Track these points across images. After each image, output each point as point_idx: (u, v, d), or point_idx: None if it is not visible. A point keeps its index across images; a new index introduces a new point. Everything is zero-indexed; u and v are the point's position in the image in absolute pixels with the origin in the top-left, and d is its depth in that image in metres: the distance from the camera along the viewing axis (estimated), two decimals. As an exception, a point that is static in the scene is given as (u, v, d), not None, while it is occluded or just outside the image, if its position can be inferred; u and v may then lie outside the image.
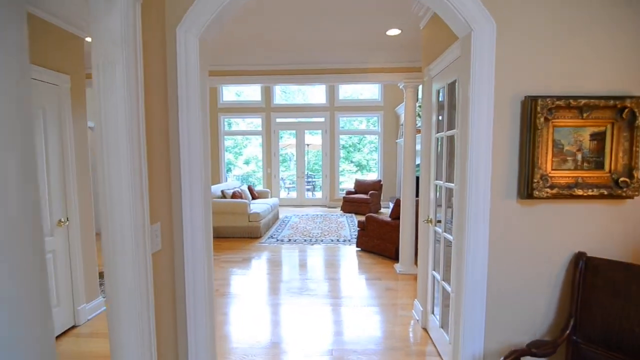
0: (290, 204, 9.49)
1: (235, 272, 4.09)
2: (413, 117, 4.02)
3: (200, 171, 1.51)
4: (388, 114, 9.03)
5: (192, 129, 1.49)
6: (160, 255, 1.43)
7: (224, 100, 9.42)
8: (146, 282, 1.29)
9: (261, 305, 3.23)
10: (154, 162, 1.37)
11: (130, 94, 1.20)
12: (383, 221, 4.64)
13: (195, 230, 1.52)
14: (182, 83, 1.46)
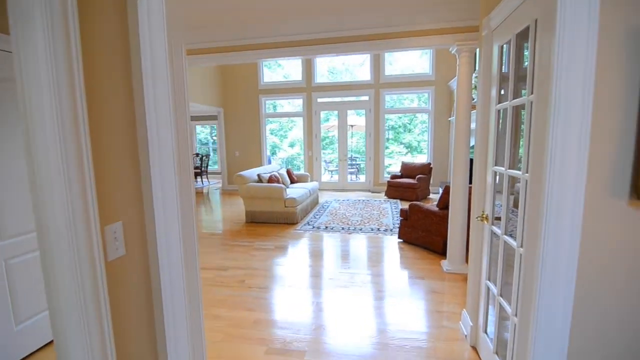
0: (331, 188, 9.15)
1: (266, 262, 3.87)
2: (467, 89, 3.36)
3: (171, 158, 1.19)
4: (440, 90, 8.13)
5: (161, 106, 1.15)
6: (124, 262, 1.15)
7: (265, 81, 9.20)
8: (96, 297, 1.01)
9: (282, 300, 2.95)
10: (108, 146, 1.07)
11: (56, 53, 0.89)
12: (429, 211, 4.08)
13: (170, 230, 1.22)
14: (145, 45, 1.12)
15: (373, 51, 3.53)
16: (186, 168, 1.29)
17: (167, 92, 1.15)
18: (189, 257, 1.30)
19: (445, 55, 7.88)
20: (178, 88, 1.22)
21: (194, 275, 1.35)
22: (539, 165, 1.15)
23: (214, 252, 4.22)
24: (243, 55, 3.72)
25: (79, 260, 0.96)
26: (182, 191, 1.25)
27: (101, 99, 1.05)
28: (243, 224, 5.61)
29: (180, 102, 1.24)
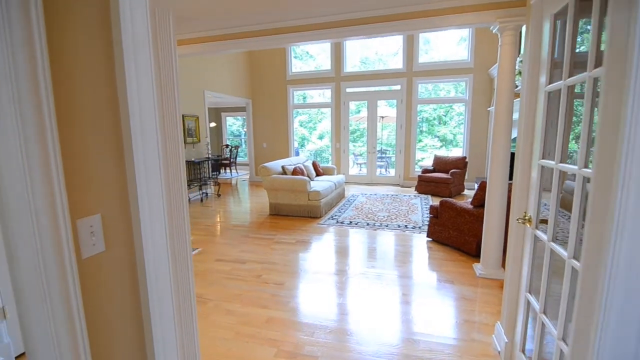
0: (359, 182, 8.89)
1: (285, 257, 3.75)
2: (510, 74, 2.99)
3: (156, 144, 1.05)
4: (479, 78, 7.56)
5: (143, 84, 1.01)
6: (104, 260, 1.03)
7: (293, 72, 9.06)
8: (66, 302, 0.89)
9: (298, 298, 2.81)
10: (82, 129, 0.94)
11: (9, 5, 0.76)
12: (462, 208, 3.75)
13: (154, 223, 1.08)
14: (125, 14, 0.98)
15: (406, 32, 3.23)
16: (175, 156, 1.15)
17: (149, 66, 1.01)
18: (177, 255, 1.16)
19: (485, 39, 7.30)
20: (164, 64, 1.07)
21: (185, 276, 1.22)
22: (609, 159, 0.89)
23: (234, 245, 4.17)
24: (271, 40, 3.52)
25: (42, 259, 0.85)
26: (170, 181, 1.11)
27: (71, 68, 0.92)
28: (267, 216, 5.54)
29: (168, 81, 1.09)
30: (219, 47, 3.71)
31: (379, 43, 13.80)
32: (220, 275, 3.27)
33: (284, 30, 3.45)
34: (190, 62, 6.79)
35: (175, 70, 1.12)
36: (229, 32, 3.61)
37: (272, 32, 3.50)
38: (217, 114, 13.80)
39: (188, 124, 6.84)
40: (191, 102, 6.95)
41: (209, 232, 4.73)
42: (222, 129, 13.99)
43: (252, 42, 3.61)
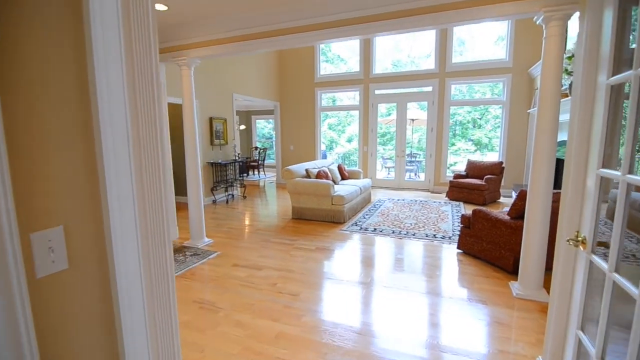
0: (386, 186, 8.57)
1: (303, 265, 3.58)
2: (556, 70, 2.63)
3: (127, 146, 0.91)
4: (518, 78, 7.02)
5: (112, 73, 0.88)
6: (67, 279, 0.90)
7: (321, 74, 8.93)
8: (12, 334, 0.77)
9: (312, 312, 2.62)
10: (39, 127, 0.82)
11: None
12: (497, 219, 3.40)
13: (126, 236, 0.95)
14: None
15: (440, 25, 2.96)
16: (155, 156, 1.00)
17: (118, 44, 0.87)
18: (154, 270, 1.02)
19: (526, 36, 6.77)
20: (139, 47, 0.93)
21: (165, 301, 1.07)
22: None
23: (253, 249, 4.06)
24: (297, 37, 3.34)
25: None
26: (145, 186, 0.97)
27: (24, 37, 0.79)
28: (289, 220, 5.42)
29: (145, 67, 0.95)
30: (243, 48, 3.60)
31: (411, 44, 13.38)
32: (235, 282, 3.16)
33: (311, 27, 3.28)
34: (219, 65, 6.85)
35: (155, 57, 0.98)
36: (253, 31, 3.51)
37: (298, 30, 3.34)
38: (248, 117, 13.98)
39: (216, 127, 6.90)
40: (220, 105, 7.01)
41: (230, 234, 4.68)
42: (252, 132, 14.15)
43: (278, 41, 3.45)
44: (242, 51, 3.70)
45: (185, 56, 3.87)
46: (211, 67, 6.66)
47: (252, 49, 3.62)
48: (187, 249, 4.08)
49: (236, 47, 3.63)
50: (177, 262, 3.65)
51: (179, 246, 4.17)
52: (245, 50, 3.67)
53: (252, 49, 3.62)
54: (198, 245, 4.15)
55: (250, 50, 3.64)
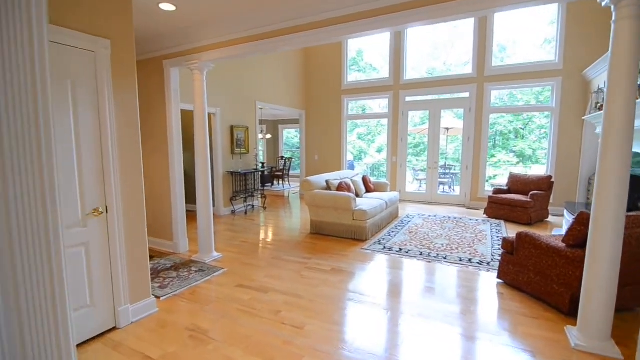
0: (417, 200, 7.95)
1: (314, 289, 3.17)
2: (629, 58, 2.07)
3: None
4: (570, 82, 6.23)
5: None
6: None
7: (348, 81, 8.59)
8: None
9: (316, 352, 2.19)
10: None
11: None
12: (549, 246, 2.79)
13: None
14: None
15: (479, 10, 2.48)
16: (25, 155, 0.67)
17: None
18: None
19: (579, 34, 6.01)
20: None
21: None
22: None
23: (262, 267, 3.71)
24: (320, 33, 2.97)
25: None
26: None
27: None
28: (306, 235, 5.04)
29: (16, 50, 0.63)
30: (259, 48, 3.31)
31: (448, 51, 12.73)
32: (236, 307, 2.81)
33: (334, 21, 2.91)
34: (241, 73, 6.73)
35: (37, 38, 0.66)
36: (269, 29, 3.23)
37: (319, 25, 2.99)
38: (275, 126, 13.94)
39: (237, 135, 6.74)
40: (242, 113, 6.86)
41: (242, 249, 4.38)
42: (279, 141, 14.07)
43: (298, 38, 3.10)
44: (257, 51, 3.42)
45: (196, 60, 3.68)
46: (233, 74, 6.55)
47: (269, 49, 3.32)
48: (193, 263, 3.82)
49: (251, 47, 3.36)
50: (180, 279, 3.38)
51: (186, 260, 3.92)
52: (261, 51, 3.39)
53: (269, 49, 3.32)
54: (205, 260, 3.87)
55: (267, 50, 3.35)
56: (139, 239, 2.60)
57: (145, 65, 4.19)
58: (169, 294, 3.06)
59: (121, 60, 2.43)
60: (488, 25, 6.78)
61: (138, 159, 2.57)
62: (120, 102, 2.44)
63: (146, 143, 4.32)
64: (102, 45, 2.30)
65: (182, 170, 4.16)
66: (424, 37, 8.74)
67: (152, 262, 3.86)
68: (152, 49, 4.02)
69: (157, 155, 4.20)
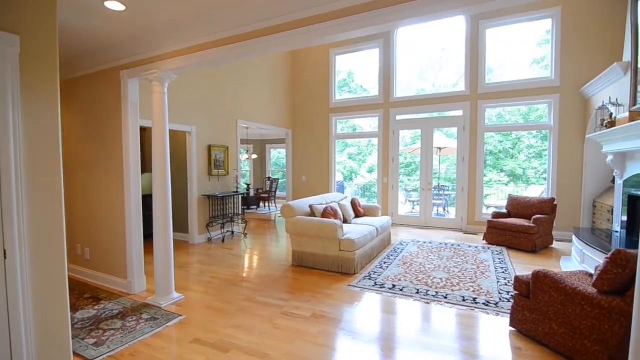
0: (410, 224, 7.43)
1: (287, 345, 2.56)
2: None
3: None
4: (568, 99, 5.92)
5: None
6: None
7: (336, 99, 8.22)
8: None
9: None
10: None
11: None
12: (575, 291, 2.26)
13: None
14: None
15: (473, 5, 2.07)
16: None
17: None
18: None
19: (574, 51, 5.75)
20: None
21: None
22: None
23: (229, 312, 3.09)
24: (298, 34, 2.48)
25: None
26: None
27: None
28: (287, 268, 4.43)
29: None
30: (228, 53, 2.82)
31: (436, 73, 12.63)
32: (184, 373, 2.19)
33: (314, 19, 2.42)
34: (221, 88, 6.28)
35: None
36: (239, 31, 2.76)
37: (296, 25, 2.49)
38: (262, 146, 13.47)
39: (215, 155, 6.21)
40: (221, 131, 6.36)
41: (209, 286, 3.75)
42: (265, 161, 13.56)
43: (273, 40, 2.61)
44: (227, 58, 2.93)
45: (154, 69, 3.19)
46: (211, 90, 6.09)
47: (240, 55, 2.82)
48: (146, 308, 3.18)
49: (219, 53, 2.87)
50: (124, 331, 2.74)
51: (139, 304, 3.28)
52: (231, 57, 2.90)
53: (240, 55, 2.82)
54: (161, 303, 3.24)
55: (239, 56, 2.84)
56: (55, 289, 1.99)
57: (100, 76, 3.68)
58: (103, 355, 2.41)
59: (36, 63, 1.92)
60: (480, 40, 6.51)
61: (57, 188, 2.01)
62: (32, 116, 1.90)
63: (98, 164, 3.76)
64: (5, 41, 1.78)
65: (139, 195, 3.58)
66: (412, 58, 8.49)
67: (96, 308, 3.21)
68: (108, 58, 3.53)
69: (111, 178, 3.63)
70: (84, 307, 3.23)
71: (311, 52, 8.39)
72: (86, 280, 3.95)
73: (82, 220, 4.00)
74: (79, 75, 3.88)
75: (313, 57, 8.37)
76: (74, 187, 4.03)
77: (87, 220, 3.94)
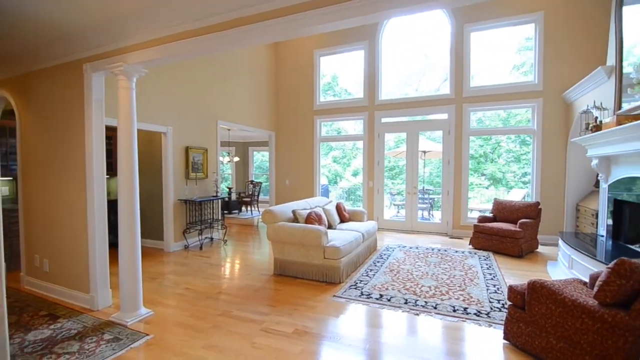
0: (396, 228, 7.29)
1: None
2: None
3: None
4: (551, 103, 5.94)
5: None
6: None
7: (321, 101, 8.04)
8: None
9: None
10: None
11: None
12: (575, 303, 2.12)
13: None
14: None
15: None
16: None
17: None
18: None
19: (558, 55, 5.78)
20: None
21: None
22: None
23: (202, 330, 2.81)
24: (290, 21, 2.24)
25: None
26: None
27: None
28: (268, 277, 4.18)
29: None
30: (202, 45, 2.59)
31: (420, 78, 12.69)
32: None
33: (302, 7, 2.21)
34: (200, 88, 5.98)
35: None
36: (214, 21, 2.51)
37: (286, 12, 2.27)
38: (245, 149, 13.14)
39: (193, 157, 5.89)
40: (200, 133, 6.04)
41: (183, 300, 3.45)
42: (248, 164, 13.22)
43: (260, 28, 2.36)
44: (203, 50, 2.66)
45: (121, 62, 2.90)
46: (189, 90, 5.79)
47: (216, 46, 2.52)
48: (109, 327, 2.86)
49: (193, 45, 2.59)
50: (81, 356, 2.42)
51: (102, 322, 2.95)
52: (207, 49, 2.62)
53: (216, 46, 2.52)
54: (127, 321, 2.92)
55: (214, 48, 2.56)
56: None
57: (61, 70, 3.35)
58: (52, 387, 2.10)
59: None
60: (465, 44, 6.48)
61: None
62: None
63: (59, 167, 3.42)
64: None
65: (104, 200, 3.26)
66: (396, 62, 8.40)
67: (52, 327, 2.87)
68: (69, 50, 3.21)
69: (72, 182, 3.29)
70: (38, 327, 2.88)
71: (295, 53, 8.19)
72: (45, 295, 3.57)
73: (41, 228, 3.63)
74: (37, 68, 3.53)
75: (297, 58, 8.17)
76: (33, 192, 3.66)
77: (47, 228, 3.57)
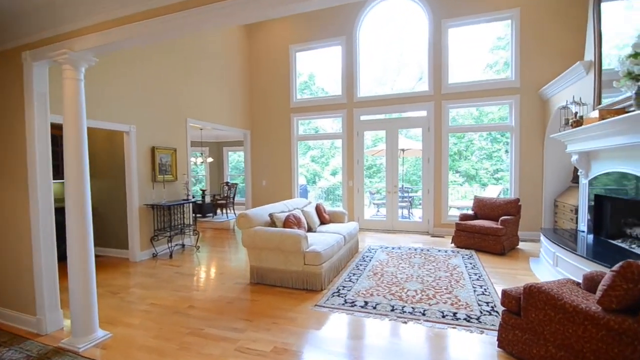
0: (378, 228, 7.13)
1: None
2: None
3: None
4: (528, 100, 5.95)
5: None
6: None
7: (298, 98, 7.75)
8: None
9: None
10: None
11: None
12: (577, 309, 1.97)
13: None
14: None
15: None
16: None
17: None
18: None
19: (534, 53, 5.79)
20: None
21: None
22: None
23: (167, 354, 2.47)
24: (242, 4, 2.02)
25: None
26: None
27: None
28: (245, 287, 3.86)
29: None
30: (168, 26, 2.29)
31: (394, 78, 12.64)
32: None
33: None
34: (167, 83, 5.55)
35: None
36: (169, 2, 2.20)
37: None
38: (219, 149, 12.63)
39: (161, 158, 5.45)
40: (167, 132, 5.61)
41: (147, 318, 3.08)
42: (223, 165, 12.73)
43: (227, 8, 2.11)
44: (160, 34, 2.29)
45: (66, 49, 2.50)
46: (155, 85, 5.35)
47: (175, 29, 2.19)
48: (60, 355, 2.46)
49: (149, 27, 2.23)
50: (17, 395, 2.03)
51: (50, 349, 2.55)
52: (164, 32, 2.27)
53: (175, 29, 2.19)
54: (80, 347, 2.53)
55: (173, 30, 2.21)
56: None
57: (-5, 58, 2.90)
58: None
59: None
60: (443, 40, 6.40)
61: None
62: None
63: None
64: None
65: (51, 207, 2.84)
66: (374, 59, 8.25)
67: (-15, 359, 2.43)
68: (6, 35, 2.77)
69: (11, 188, 2.85)
70: (-31, 360, 2.44)
71: (270, 48, 7.86)
72: (-17, 319, 3.09)
73: (-24, 241, 3.14)
74: (-32, 57, 3.05)
75: (272, 54, 7.84)
76: (-35, 200, 3.16)
77: (-17, 241, 3.09)
